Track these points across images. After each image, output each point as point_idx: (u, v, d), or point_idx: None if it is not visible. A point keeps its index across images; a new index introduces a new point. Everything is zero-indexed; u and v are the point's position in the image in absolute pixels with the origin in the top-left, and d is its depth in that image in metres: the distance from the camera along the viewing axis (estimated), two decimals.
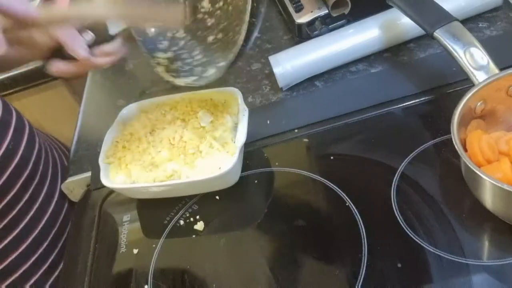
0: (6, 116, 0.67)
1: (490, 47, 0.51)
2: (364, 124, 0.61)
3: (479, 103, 0.49)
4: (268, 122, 0.65)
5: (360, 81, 0.66)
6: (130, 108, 0.66)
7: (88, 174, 0.67)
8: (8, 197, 0.63)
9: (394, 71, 0.66)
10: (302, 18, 0.72)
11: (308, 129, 0.63)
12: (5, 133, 0.65)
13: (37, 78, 1.03)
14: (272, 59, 0.68)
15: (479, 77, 0.49)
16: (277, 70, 0.67)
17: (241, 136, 0.57)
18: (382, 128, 0.60)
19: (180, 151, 0.56)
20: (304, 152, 0.62)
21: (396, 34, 0.67)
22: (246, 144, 0.58)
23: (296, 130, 0.63)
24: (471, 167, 0.43)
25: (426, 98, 0.60)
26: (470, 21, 0.67)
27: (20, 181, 0.65)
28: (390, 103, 0.62)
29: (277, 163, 0.61)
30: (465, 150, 0.47)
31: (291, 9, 0.75)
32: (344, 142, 0.61)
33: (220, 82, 0.75)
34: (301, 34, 0.73)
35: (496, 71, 0.49)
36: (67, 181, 0.68)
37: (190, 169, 0.56)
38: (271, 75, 0.70)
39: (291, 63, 0.67)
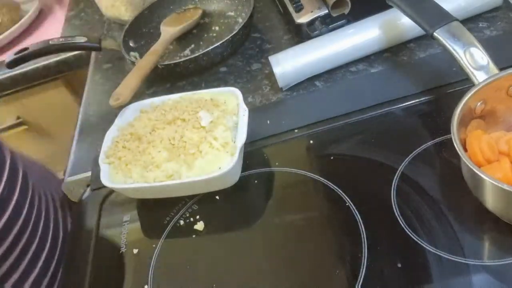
0: (1, 158, 0.63)
1: (490, 47, 0.51)
2: (364, 124, 0.61)
3: (479, 103, 0.49)
4: (268, 122, 0.65)
5: (360, 81, 0.66)
6: (130, 108, 0.66)
7: (88, 174, 0.67)
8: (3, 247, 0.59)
9: (394, 71, 0.66)
10: (302, 18, 0.72)
11: (308, 129, 0.63)
12: None
13: (37, 78, 1.03)
14: (272, 59, 0.68)
15: (479, 77, 0.49)
16: (277, 70, 0.67)
17: (241, 136, 0.57)
18: (382, 128, 0.60)
19: (180, 151, 0.56)
20: (304, 152, 0.62)
21: (396, 34, 0.67)
22: (246, 144, 0.58)
23: (296, 130, 0.63)
24: (471, 167, 0.43)
25: (426, 98, 0.60)
26: (470, 21, 0.67)
27: (15, 229, 0.60)
28: (390, 103, 0.61)
29: (277, 163, 0.61)
30: (465, 150, 0.47)
31: (291, 9, 0.75)
32: (344, 142, 0.61)
33: (220, 82, 0.75)
34: (301, 34, 0.73)
35: (496, 71, 0.49)
36: (67, 181, 0.68)
37: (190, 169, 0.56)
38: (271, 75, 0.70)
39: (291, 63, 0.67)
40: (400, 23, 0.66)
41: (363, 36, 0.66)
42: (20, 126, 1.11)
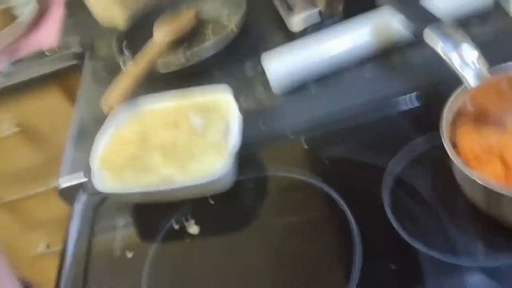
0: None
1: (480, 47, 0.50)
2: (358, 128, 0.61)
3: (469, 103, 0.49)
4: (262, 126, 0.65)
5: (353, 84, 0.66)
6: (121, 113, 0.65)
7: (83, 178, 0.67)
8: None
9: (386, 73, 0.66)
10: (294, 19, 0.72)
11: (302, 133, 0.63)
12: None
13: (33, 85, 1.03)
14: (266, 64, 0.68)
15: (468, 76, 0.49)
16: (271, 75, 0.67)
17: (235, 140, 0.57)
18: (375, 131, 0.60)
19: (173, 155, 0.56)
20: (298, 156, 0.62)
21: (388, 36, 0.67)
22: (240, 148, 0.58)
23: (290, 134, 0.63)
24: (461, 168, 0.43)
25: (419, 99, 0.60)
26: (461, 22, 0.66)
27: None
28: (382, 106, 0.61)
29: (271, 167, 0.61)
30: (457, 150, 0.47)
31: (283, 10, 0.75)
32: (338, 146, 0.61)
33: (212, 83, 0.75)
34: (293, 35, 0.73)
35: (486, 70, 0.49)
36: (61, 186, 0.68)
37: (183, 173, 0.56)
38: (265, 79, 0.69)
39: (285, 69, 0.67)
40: (392, 24, 0.65)
41: (355, 39, 0.66)
42: (16, 133, 1.11)
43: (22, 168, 1.20)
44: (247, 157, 0.62)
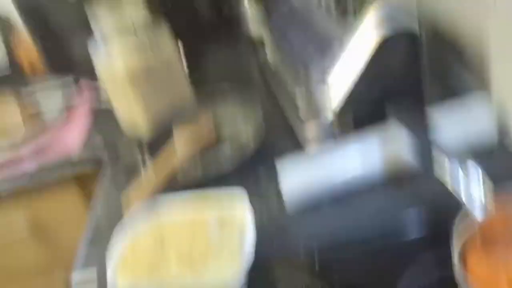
0: None
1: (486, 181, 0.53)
2: (370, 252, 0.61)
3: (477, 229, 0.51)
4: (274, 241, 0.66)
5: (365, 205, 0.67)
6: (139, 217, 0.67)
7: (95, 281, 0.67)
8: None
9: (397, 196, 0.67)
10: (308, 131, 0.75)
11: (313, 251, 0.63)
12: None
13: (51, 184, 1.06)
14: (281, 182, 0.69)
15: (476, 211, 0.51)
16: (285, 191, 0.69)
17: (248, 256, 0.58)
18: (385, 252, 0.60)
19: (188, 266, 0.57)
20: (309, 275, 0.62)
21: (399, 163, 0.68)
22: (252, 264, 0.58)
23: (301, 252, 0.64)
24: None
25: (428, 221, 0.62)
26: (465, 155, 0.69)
27: None
28: (393, 227, 0.63)
29: (282, 285, 0.61)
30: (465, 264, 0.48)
31: (297, 121, 0.78)
32: (349, 270, 0.61)
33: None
34: (307, 146, 0.76)
35: (493, 203, 0.51)
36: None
37: (197, 279, 0.56)
38: (279, 193, 0.71)
39: (299, 187, 0.69)
40: (402, 154, 0.67)
41: (366, 167, 0.68)
42: (27, 235, 1.12)
43: (28, 267, 1.19)
44: (258, 273, 0.62)
